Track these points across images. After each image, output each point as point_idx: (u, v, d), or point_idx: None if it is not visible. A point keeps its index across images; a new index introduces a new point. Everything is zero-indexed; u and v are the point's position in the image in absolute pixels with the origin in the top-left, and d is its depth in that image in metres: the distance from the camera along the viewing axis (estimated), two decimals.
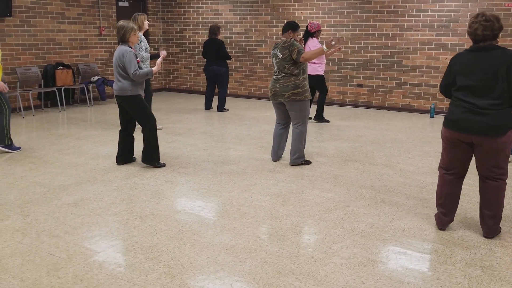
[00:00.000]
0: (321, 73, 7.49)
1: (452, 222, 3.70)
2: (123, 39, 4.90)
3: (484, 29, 3.15)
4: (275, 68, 5.10)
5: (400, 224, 3.69)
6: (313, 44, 7.21)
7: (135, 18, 6.55)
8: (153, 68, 4.99)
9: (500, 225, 3.56)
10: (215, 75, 8.70)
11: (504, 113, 3.16)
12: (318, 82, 7.50)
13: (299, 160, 5.26)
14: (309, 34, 7.29)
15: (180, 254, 3.16)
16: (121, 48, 4.89)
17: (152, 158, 5.09)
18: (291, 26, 5.12)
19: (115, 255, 3.14)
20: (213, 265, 3.02)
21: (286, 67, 4.98)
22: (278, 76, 5.07)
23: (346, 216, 3.85)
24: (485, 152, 3.26)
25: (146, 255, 3.14)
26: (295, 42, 4.98)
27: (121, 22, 4.90)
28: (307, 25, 7.33)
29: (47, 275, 2.87)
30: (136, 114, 5.00)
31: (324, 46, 5.02)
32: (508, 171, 3.75)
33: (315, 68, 7.42)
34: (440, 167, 3.57)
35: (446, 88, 3.45)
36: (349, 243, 3.35)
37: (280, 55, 5.00)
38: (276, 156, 5.42)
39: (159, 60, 5.14)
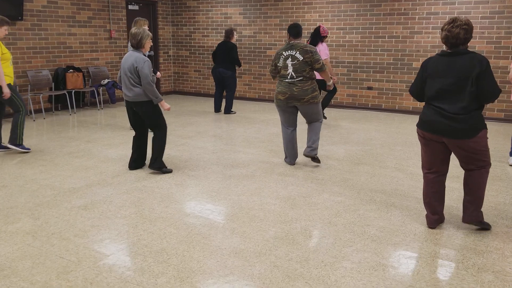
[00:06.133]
0: None
1: (464, 227, 3.66)
2: (139, 45, 4.82)
3: (466, 32, 3.30)
4: (289, 71, 4.99)
5: (411, 228, 3.65)
6: (324, 50, 7.24)
7: (136, 22, 6.47)
8: (164, 102, 4.91)
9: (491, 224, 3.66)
10: (222, 78, 8.73)
11: (474, 116, 3.28)
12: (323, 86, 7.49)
13: (315, 151, 5.23)
14: (320, 37, 7.27)
15: (189, 257, 3.15)
16: (135, 55, 4.77)
17: (159, 164, 5.04)
18: (301, 32, 5.15)
19: (125, 258, 3.14)
20: (223, 269, 3.00)
21: (306, 70, 4.96)
22: (295, 79, 4.98)
23: (356, 220, 3.82)
24: (459, 152, 3.40)
25: (156, 258, 3.14)
26: (316, 50, 5.03)
27: (135, 29, 4.79)
28: (319, 28, 7.28)
29: (57, 278, 2.88)
30: (150, 120, 4.95)
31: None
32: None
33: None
34: (422, 167, 3.68)
35: (420, 91, 3.54)
36: (359, 247, 3.32)
37: (301, 58, 4.94)
38: (295, 159, 5.38)
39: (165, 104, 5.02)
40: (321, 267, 3.03)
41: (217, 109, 9.06)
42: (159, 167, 5.04)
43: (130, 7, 10.52)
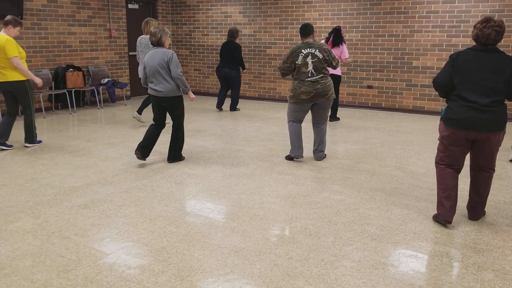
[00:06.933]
0: (340, 73, 7.75)
1: (464, 226, 3.66)
2: (159, 43, 5.04)
3: (497, 34, 3.36)
4: (310, 68, 5.10)
5: (411, 227, 3.65)
6: (346, 49, 7.49)
7: (147, 22, 7.02)
8: (191, 92, 5.31)
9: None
10: (226, 77, 8.78)
11: (503, 109, 3.41)
12: (336, 82, 7.66)
13: (324, 154, 5.62)
14: (342, 38, 7.45)
15: (189, 256, 3.16)
16: (161, 50, 5.02)
17: (180, 155, 5.47)
18: (311, 31, 5.26)
19: (125, 257, 3.14)
20: (223, 267, 3.01)
21: (324, 67, 5.18)
22: (316, 77, 5.12)
23: (356, 218, 3.82)
24: (487, 146, 3.48)
25: (156, 257, 3.14)
26: (330, 48, 5.24)
27: (154, 28, 5.06)
28: (340, 28, 7.40)
29: (57, 277, 2.88)
30: (177, 114, 5.24)
31: None
32: None
33: (339, 68, 7.67)
34: (438, 164, 3.68)
35: (449, 83, 3.49)
36: (359, 246, 3.32)
37: (321, 56, 5.11)
38: (302, 151, 5.49)
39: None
40: (321, 265, 3.04)
41: (219, 105, 9.08)
42: (180, 157, 5.50)
43: (130, 6, 10.51)
